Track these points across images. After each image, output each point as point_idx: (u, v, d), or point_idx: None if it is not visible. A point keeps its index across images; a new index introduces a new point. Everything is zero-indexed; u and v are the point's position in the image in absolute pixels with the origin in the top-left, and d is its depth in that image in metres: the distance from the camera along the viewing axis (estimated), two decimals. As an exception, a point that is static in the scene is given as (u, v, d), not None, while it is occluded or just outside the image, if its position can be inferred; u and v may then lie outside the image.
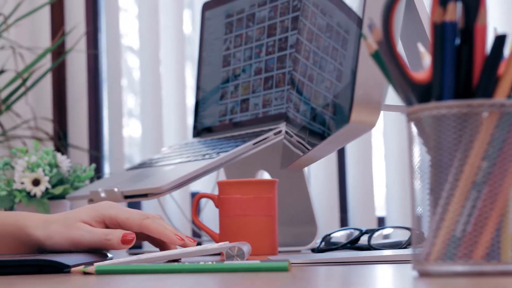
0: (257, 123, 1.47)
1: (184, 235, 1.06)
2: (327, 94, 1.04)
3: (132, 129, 2.67)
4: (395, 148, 2.53)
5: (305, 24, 1.25)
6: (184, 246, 1.07)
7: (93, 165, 1.61)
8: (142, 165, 1.53)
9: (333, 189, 2.46)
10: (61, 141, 2.39)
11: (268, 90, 1.46)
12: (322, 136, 1.07)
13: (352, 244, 1.26)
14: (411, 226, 0.65)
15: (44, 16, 2.38)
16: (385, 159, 2.54)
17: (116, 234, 1.04)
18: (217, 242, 1.27)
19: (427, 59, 0.65)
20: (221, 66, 1.58)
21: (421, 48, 0.64)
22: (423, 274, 0.60)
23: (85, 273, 0.79)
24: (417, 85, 0.59)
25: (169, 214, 2.13)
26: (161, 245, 1.09)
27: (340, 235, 1.33)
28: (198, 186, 2.45)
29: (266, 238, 1.25)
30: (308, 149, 1.26)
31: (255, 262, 0.73)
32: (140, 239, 1.11)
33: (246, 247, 0.88)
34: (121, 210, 1.08)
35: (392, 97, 2.20)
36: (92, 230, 1.05)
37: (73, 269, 0.80)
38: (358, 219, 2.50)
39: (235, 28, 1.56)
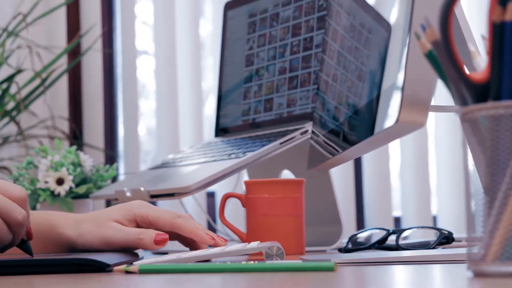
0: (281, 123, 1.47)
1: (215, 235, 1.06)
2: (364, 94, 1.04)
3: (147, 128, 2.67)
4: (411, 147, 2.53)
5: (338, 23, 1.24)
6: (215, 245, 1.07)
7: (115, 164, 1.61)
8: (164, 165, 1.53)
9: (349, 188, 2.46)
10: (77, 141, 2.39)
11: (292, 89, 1.45)
12: (356, 136, 1.07)
13: (380, 244, 1.26)
14: (465, 227, 0.65)
15: (60, 15, 2.39)
16: (401, 159, 2.54)
17: (149, 234, 1.04)
18: (244, 241, 1.27)
19: (478, 58, 0.65)
20: (244, 66, 1.58)
21: (472, 47, 0.64)
22: (479, 275, 0.60)
23: (128, 272, 0.79)
24: (474, 85, 0.59)
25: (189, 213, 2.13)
26: (192, 244, 1.09)
27: (366, 235, 1.33)
28: (213, 186, 2.45)
29: (293, 238, 1.25)
30: (336, 149, 1.26)
31: (301, 262, 0.73)
32: (171, 238, 1.10)
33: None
34: (152, 209, 1.08)
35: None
36: (124, 229, 1.05)
37: (115, 268, 0.80)
38: (374, 219, 2.50)
39: (258, 27, 1.56)
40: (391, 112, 0.74)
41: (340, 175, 2.47)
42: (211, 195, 2.49)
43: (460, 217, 2.54)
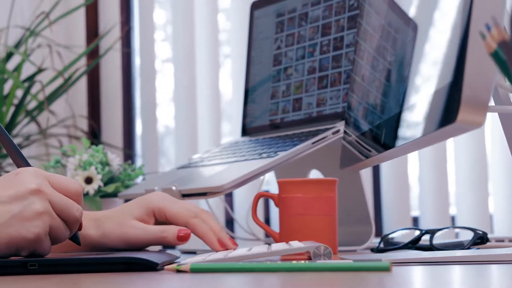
0: (310, 123, 1.47)
1: (227, 239, 1.06)
2: (401, 94, 1.04)
3: (165, 128, 2.67)
4: (428, 147, 2.52)
5: (370, 23, 1.25)
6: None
7: (143, 164, 1.61)
8: (192, 164, 1.53)
9: (367, 188, 2.46)
10: (95, 139, 2.39)
11: (322, 89, 1.45)
12: (392, 137, 1.07)
13: (413, 244, 1.26)
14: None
15: (79, 14, 2.39)
16: (419, 159, 2.54)
17: (171, 231, 1.04)
18: (277, 241, 1.27)
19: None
20: (271, 65, 1.58)
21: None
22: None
23: (179, 271, 0.79)
24: (543, 85, 0.59)
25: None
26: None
27: (398, 235, 1.33)
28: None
29: (326, 238, 1.24)
30: (368, 149, 1.26)
31: (356, 262, 0.73)
32: None
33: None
34: (171, 204, 1.07)
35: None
36: (146, 228, 1.05)
37: (166, 267, 0.80)
38: (392, 219, 2.50)
39: (286, 27, 1.56)
40: (441, 112, 0.74)
41: (358, 175, 2.46)
42: (228, 194, 2.49)
43: (478, 216, 2.54)
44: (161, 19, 2.69)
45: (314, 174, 1.53)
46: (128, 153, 2.47)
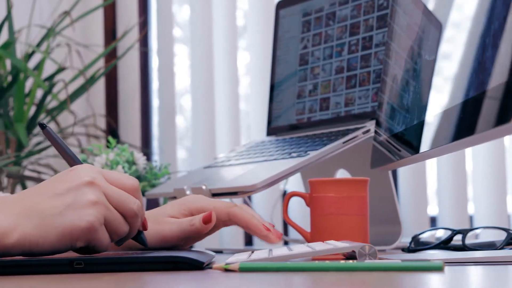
0: (338, 122, 1.47)
1: (271, 226, 1.07)
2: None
3: (183, 127, 2.67)
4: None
5: (400, 22, 1.24)
6: (268, 238, 1.07)
7: (168, 163, 1.61)
8: (218, 163, 1.53)
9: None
10: (114, 138, 2.40)
11: (351, 89, 1.45)
12: (427, 137, 1.07)
13: (445, 244, 1.26)
14: None
15: (97, 12, 2.39)
16: (437, 158, 2.53)
17: (197, 218, 1.05)
18: (308, 241, 1.27)
19: None
20: (297, 65, 1.58)
21: None
22: None
23: (227, 270, 0.79)
24: None
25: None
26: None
27: (428, 235, 1.33)
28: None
29: (358, 237, 1.24)
30: (398, 148, 1.26)
31: (407, 262, 0.72)
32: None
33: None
34: (207, 201, 1.08)
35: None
36: (178, 221, 1.06)
37: (214, 266, 0.80)
38: (410, 219, 2.50)
39: (313, 26, 1.56)
40: (495, 111, 0.73)
41: (377, 175, 2.46)
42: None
43: (495, 217, 2.53)
44: (179, 17, 2.69)
45: (341, 173, 1.53)
46: (146, 152, 2.47)
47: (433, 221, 2.58)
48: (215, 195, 1.35)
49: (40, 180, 1.76)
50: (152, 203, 2.30)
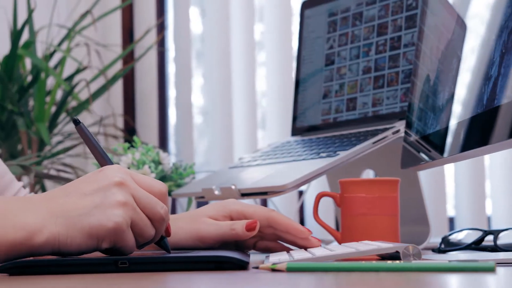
0: (365, 122, 1.47)
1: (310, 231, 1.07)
2: (471, 96, 1.04)
3: (199, 127, 2.67)
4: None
5: (429, 23, 1.24)
6: (309, 242, 1.07)
7: (193, 163, 1.61)
8: (245, 163, 1.53)
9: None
10: (132, 138, 2.40)
11: (378, 89, 1.45)
12: (457, 138, 1.07)
13: (477, 244, 1.26)
14: None
15: (115, 13, 2.39)
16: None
17: (240, 223, 1.04)
18: (339, 241, 1.26)
19: None
20: (323, 65, 1.58)
21: None
22: None
23: (274, 270, 0.79)
24: None
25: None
26: (287, 241, 1.09)
27: (458, 236, 1.33)
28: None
29: (390, 238, 1.24)
30: (428, 149, 1.26)
31: (460, 262, 0.72)
32: (266, 239, 1.10)
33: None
34: (247, 205, 1.09)
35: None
36: (217, 223, 1.06)
37: (261, 266, 0.80)
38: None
39: (339, 26, 1.56)
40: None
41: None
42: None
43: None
44: (196, 17, 2.69)
45: (368, 173, 1.53)
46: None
47: (451, 222, 2.58)
48: (244, 195, 1.35)
49: (68, 180, 1.76)
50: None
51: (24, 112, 2.02)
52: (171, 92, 2.60)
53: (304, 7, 1.65)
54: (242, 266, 0.83)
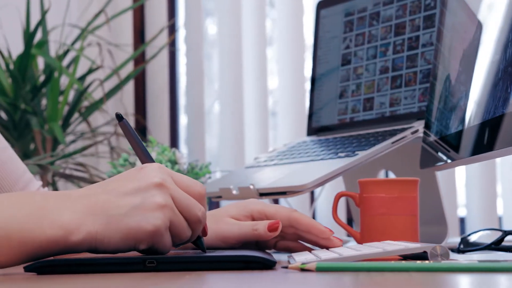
0: (383, 122, 1.47)
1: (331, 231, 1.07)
2: (493, 96, 1.04)
3: (211, 127, 2.67)
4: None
5: (448, 23, 1.24)
6: (331, 242, 1.07)
7: (209, 162, 1.61)
8: (262, 163, 1.53)
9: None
10: (143, 137, 2.40)
11: (396, 89, 1.45)
12: (481, 139, 1.06)
13: (496, 245, 1.25)
14: None
15: (126, 13, 2.39)
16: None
17: (262, 224, 1.04)
18: (358, 241, 1.26)
19: None
20: (339, 65, 1.58)
21: None
22: None
23: (303, 269, 0.78)
24: None
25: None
26: (308, 241, 1.09)
27: (477, 236, 1.33)
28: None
29: (409, 238, 1.24)
30: (447, 149, 1.26)
31: (488, 263, 0.72)
32: (287, 239, 1.10)
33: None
34: (268, 205, 1.09)
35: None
36: (240, 223, 1.06)
37: (290, 265, 0.79)
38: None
39: (356, 26, 1.56)
40: None
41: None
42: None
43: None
44: (209, 16, 2.69)
45: (384, 173, 1.53)
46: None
47: (462, 222, 2.58)
48: (262, 194, 1.34)
49: (84, 180, 1.76)
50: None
51: (37, 112, 2.03)
52: (182, 93, 2.60)
53: (319, 7, 1.65)
54: (269, 266, 0.83)
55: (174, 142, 2.57)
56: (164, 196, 0.84)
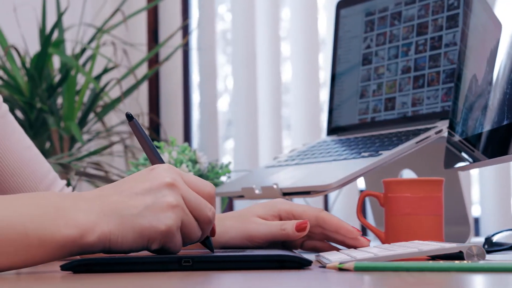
0: (404, 122, 1.46)
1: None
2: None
3: (224, 127, 2.67)
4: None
5: (472, 23, 1.24)
6: (359, 241, 1.07)
7: (229, 162, 1.61)
8: (282, 163, 1.53)
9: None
10: (157, 136, 2.40)
11: (418, 88, 1.45)
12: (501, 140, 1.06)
13: (521, 245, 1.25)
14: None
15: (141, 14, 2.39)
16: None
17: (290, 223, 1.05)
18: (383, 241, 1.26)
19: None
20: (360, 64, 1.58)
21: None
22: None
23: (341, 269, 0.78)
24: None
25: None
26: (335, 241, 1.09)
27: (502, 237, 1.32)
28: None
29: (434, 238, 1.24)
30: (471, 149, 1.26)
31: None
32: (314, 239, 1.10)
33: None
34: (296, 205, 1.09)
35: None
36: (267, 222, 1.06)
37: (328, 265, 0.79)
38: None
39: (376, 26, 1.55)
40: None
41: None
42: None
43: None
44: (222, 16, 2.69)
45: (406, 173, 1.53)
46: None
47: (476, 222, 2.57)
48: (285, 194, 1.34)
49: (104, 179, 1.76)
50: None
51: (53, 111, 2.03)
52: (195, 92, 2.60)
53: (339, 6, 1.65)
54: (305, 265, 0.83)
55: (187, 142, 2.57)
56: (175, 196, 0.85)
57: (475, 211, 2.58)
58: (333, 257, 0.89)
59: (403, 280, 0.67)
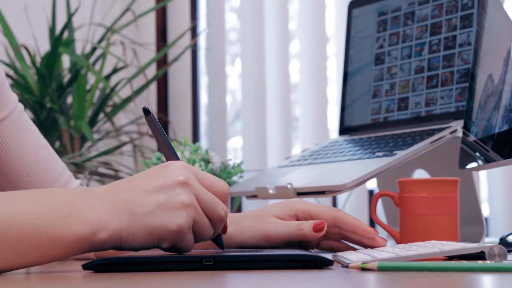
0: (418, 122, 1.46)
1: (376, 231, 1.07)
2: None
3: (232, 127, 2.67)
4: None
5: (486, 23, 1.24)
6: (376, 241, 1.07)
7: (242, 161, 1.61)
8: (295, 163, 1.53)
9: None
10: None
11: (432, 88, 1.45)
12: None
13: (537, 245, 1.25)
14: None
15: (149, 14, 2.39)
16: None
17: (307, 223, 1.05)
18: (398, 241, 1.26)
19: None
20: (373, 64, 1.57)
21: None
22: None
23: (364, 269, 0.78)
24: None
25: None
26: (352, 241, 1.09)
27: (515, 236, 1.32)
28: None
29: (450, 238, 1.24)
30: (486, 149, 1.26)
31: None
32: (331, 239, 1.10)
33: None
34: (312, 205, 1.09)
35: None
36: (285, 222, 1.06)
37: (351, 264, 0.79)
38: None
39: (389, 26, 1.55)
40: None
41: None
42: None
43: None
44: (231, 15, 2.69)
45: (419, 173, 1.53)
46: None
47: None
48: (300, 194, 1.34)
49: (114, 178, 1.76)
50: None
51: (64, 110, 2.03)
52: (204, 91, 2.60)
53: (351, 6, 1.65)
54: (326, 265, 0.83)
55: (195, 141, 2.57)
56: (188, 195, 0.84)
57: (484, 210, 2.58)
58: (352, 257, 0.89)
59: (429, 279, 0.67)
